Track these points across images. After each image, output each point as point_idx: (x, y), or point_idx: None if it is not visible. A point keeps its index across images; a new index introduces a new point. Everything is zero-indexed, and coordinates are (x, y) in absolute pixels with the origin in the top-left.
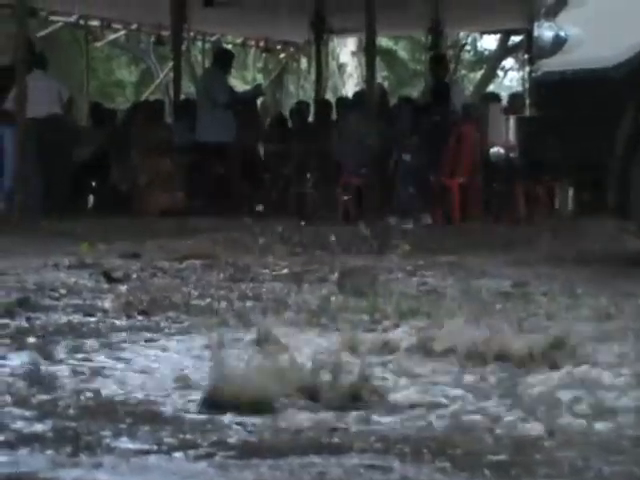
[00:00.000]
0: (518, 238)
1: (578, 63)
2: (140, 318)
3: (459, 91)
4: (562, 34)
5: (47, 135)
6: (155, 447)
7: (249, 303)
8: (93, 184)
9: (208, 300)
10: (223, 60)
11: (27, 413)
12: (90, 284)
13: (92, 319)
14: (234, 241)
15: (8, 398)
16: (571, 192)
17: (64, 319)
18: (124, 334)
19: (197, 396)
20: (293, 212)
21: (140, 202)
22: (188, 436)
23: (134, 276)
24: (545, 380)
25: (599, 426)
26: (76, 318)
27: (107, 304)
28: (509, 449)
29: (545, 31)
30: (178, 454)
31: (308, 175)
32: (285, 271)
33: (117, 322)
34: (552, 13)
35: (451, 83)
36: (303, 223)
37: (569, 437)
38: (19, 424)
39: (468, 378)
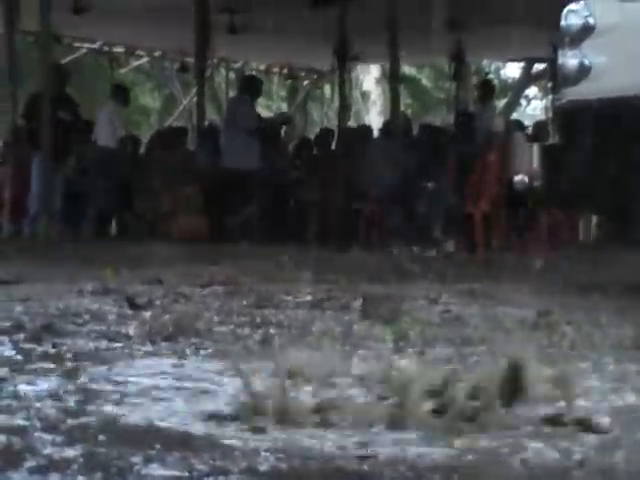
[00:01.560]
0: (542, 267)
1: (603, 91)
2: (164, 344)
3: (491, 115)
4: (587, 62)
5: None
6: (186, 474)
7: (272, 330)
8: (116, 210)
9: (231, 326)
10: (251, 86)
11: (57, 438)
12: (114, 310)
13: (117, 344)
14: (257, 267)
15: (37, 423)
16: (595, 221)
17: (90, 345)
18: (149, 360)
19: (226, 421)
20: (316, 238)
21: (162, 228)
22: (218, 462)
23: (157, 302)
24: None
25: (627, 457)
26: (101, 344)
27: (131, 330)
28: (540, 479)
29: (569, 59)
30: None
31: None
32: (308, 298)
33: (142, 348)
34: (577, 41)
35: (486, 107)
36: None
37: (598, 467)
38: (49, 449)
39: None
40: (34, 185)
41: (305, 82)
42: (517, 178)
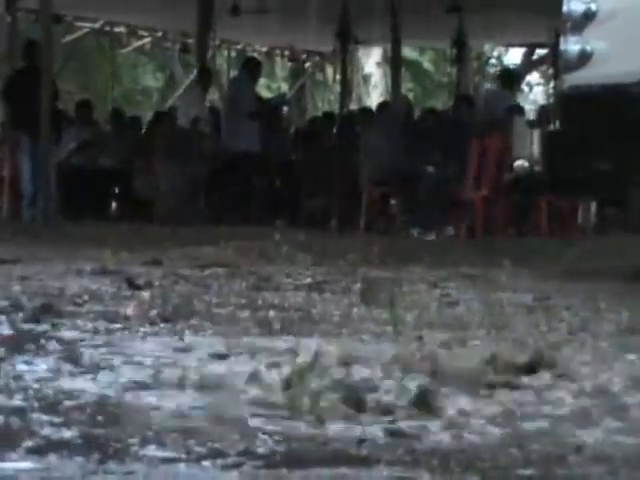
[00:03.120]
0: (541, 252)
1: (604, 77)
2: (162, 326)
3: (505, 97)
4: (588, 48)
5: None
6: (184, 455)
7: (272, 312)
8: (116, 191)
9: (231, 308)
10: (251, 69)
11: (54, 419)
12: (112, 291)
13: (116, 326)
14: (257, 250)
15: (35, 404)
16: (594, 207)
17: (89, 325)
18: (149, 341)
19: (226, 403)
20: (316, 222)
21: (162, 209)
22: (216, 445)
23: (156, 283)
24: (568, 394)
25: (626, 440)
26: (100, 325)
27: (130, 311)
28: (537, 464)
29: (571, 45)
30: (207, 463)
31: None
32: (307, 281)
33: (141, 329)
34: (578, 27)
35: (504, 95)
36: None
37: (596, 453)
38: (47, 430)
39: (492, 393)
40: (24, 169)
41: (307, 65)
42: (517, 163)
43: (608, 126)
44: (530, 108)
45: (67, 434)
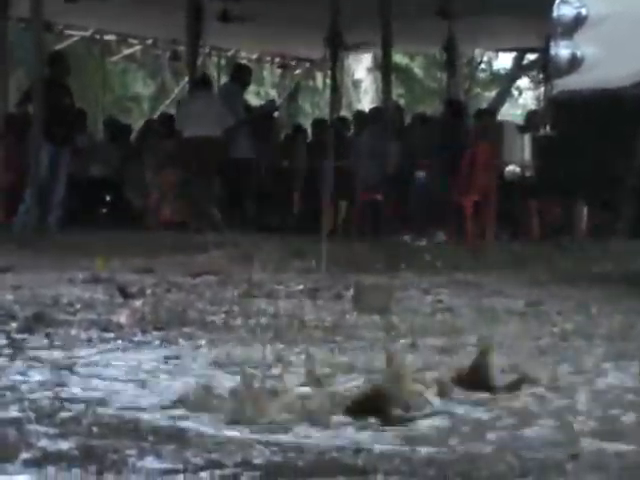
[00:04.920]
0: (532, 257)
1: (595, 82)
2: (155, 334)
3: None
4: (579, 53)
5: (200, 155)
6: (181, 467)
7: (264, 319)
8: (107, 199)
9: (223, 316)
10: (241, 76)
11: (51, 431)
12: (105, 299)
13: (109, 335)
14: (249, 257)
15: (31, 415)
16: (585, 211)
17: (83, 335)
18: (142, 350)
19: (220, 414)
20: (308, 228)
21: (153, 217)
22: (213, 455)
23: (148, 291)
24: (563, 402)
25: (621, 448)
26: (94, 333)
27: (122, 319)
28: (534, 472)
29: (562, 50)
30: (205, 474)
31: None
32: (300, 287)
33: (134, 338)
34: (569, 32)
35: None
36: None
37: (592, 460)
38: (44, 442)
39: (488, 401)
40: (42, 176)
41: (297, 71)
42: (509, 168)
43: (599, 131)
44: (520, 113)
45: (64, 445)
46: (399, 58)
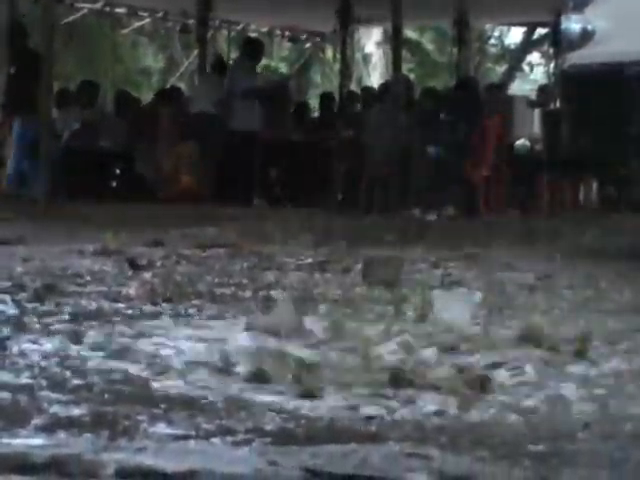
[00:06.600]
0: (542, 231)
1: (605, 56)
2: (165, 305)
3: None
4: (590, 27)
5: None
6: (193, 433)
7: (274, 292)
8: (117, 171)
9: (232, 289)
10: (252, 50)
11: (63, 397)
12: (114, 271)
13: (119, 305)
14: (258, 230)
15: (43, 382)
16: (595, 186)
17: (93, 305)
18: (152, 321)
19: (231, 381)
20: (318, 202)
21: (164, 189)
22: (224, 422)
23: (158, 264)
24: (577, 373)
25: (633, 417)
26: (103, 304)
27: (132, 291)
28: (546, 440)
29: (573, 24)
30: (216, 440)
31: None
32: (309, 260)
33: (143, 309)
34: (580, 6)
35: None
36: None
37: (604, 429)
38: (55, 408)
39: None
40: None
41: (307, 45)
42: (519, 142)
43: (609, 105)
44: (531, 88)
45: (76, 412)
46: (409, 32)
